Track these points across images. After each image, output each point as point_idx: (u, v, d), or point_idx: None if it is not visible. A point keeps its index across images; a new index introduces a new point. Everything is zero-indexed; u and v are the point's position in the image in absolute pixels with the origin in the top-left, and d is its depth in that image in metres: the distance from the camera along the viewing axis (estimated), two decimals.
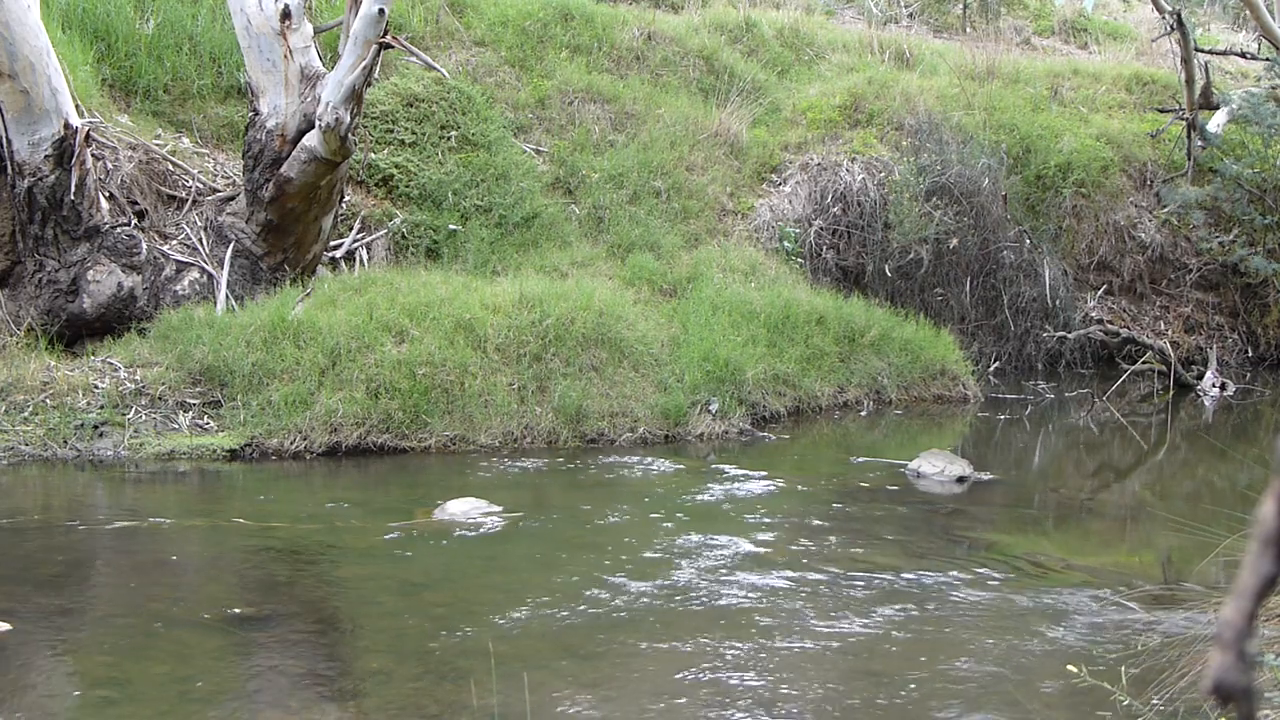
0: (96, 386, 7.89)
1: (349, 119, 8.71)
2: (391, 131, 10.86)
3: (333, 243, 9.87)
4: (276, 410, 7.84)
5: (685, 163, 11.90)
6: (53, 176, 8.43)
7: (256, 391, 7.95)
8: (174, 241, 9.20)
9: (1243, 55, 15.37)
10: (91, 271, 8.61)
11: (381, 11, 8.61)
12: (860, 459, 8.52)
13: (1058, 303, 12.22)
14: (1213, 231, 12.99)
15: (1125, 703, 3.52)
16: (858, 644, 5.08)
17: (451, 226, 10.49)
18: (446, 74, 10.27)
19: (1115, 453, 9.99)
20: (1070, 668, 3.72)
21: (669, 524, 6.68)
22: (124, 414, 7.79)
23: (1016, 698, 4.60)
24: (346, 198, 10.04)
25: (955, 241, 11.79)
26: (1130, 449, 9.95)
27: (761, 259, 11.14)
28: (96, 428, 7.65)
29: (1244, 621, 1.15)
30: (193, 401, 8.00)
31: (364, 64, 8.61)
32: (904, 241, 11.63)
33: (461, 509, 6.65)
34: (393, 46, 8.81)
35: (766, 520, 6.90)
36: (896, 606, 5.51)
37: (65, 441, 7.52)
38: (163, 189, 9.54)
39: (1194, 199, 12.89)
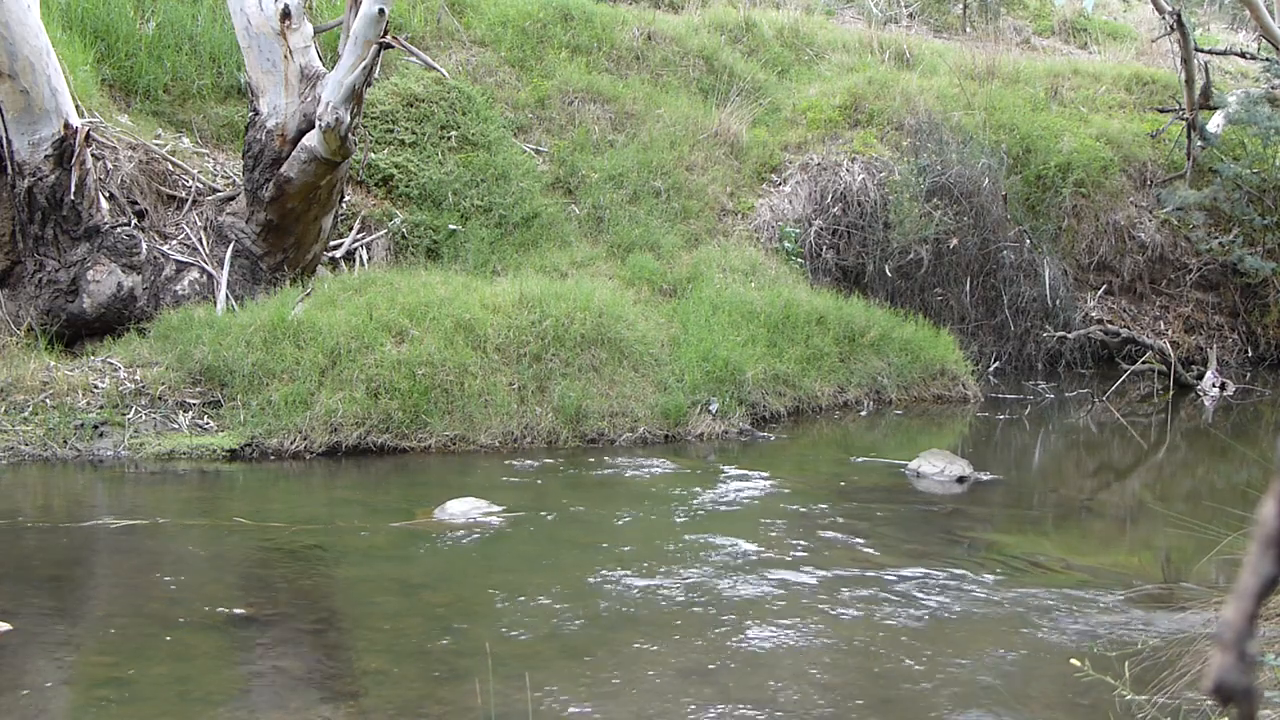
0: (96, 386, 7.89)
1: (349, 119, 8.71)
2: (391, 131, 10.86)
3: (333, 243, 9.87)
4: (276, 410, 7.84)
5: (685, 163, 11.90)
6: (53, 176, 8.43)
7: (256, 391, 7.94)
8: (174, 241, 9.20)
9: (1243, 55, 15.37)
10: (91, 271, 8.61)
11: (381, 11, 8.61)
12: (860, 459, 8.52)
13: (1058, 303, 12.23)
14: (1212, 232, 12.99)
15: (1127, 697, 3.52)
16: (857, 643, 5.08)
17: (451, 226, 10.49)
18: (446, 74, 10.27)
19: (1115, 453, 9.99)
20: (1074, 661, 3.72)
21: (669, 524, 6.68)
22: (124, 414, 7.79)
23: (1016, 697, 4.60)
24: (346, 198, 10.04)
25: (955, 241, 11.79)
26: (1130, 449, 9.95)
27: (761, 259, 11.14)
28: (96, 428, 7.65)
29: (1245, 622, 1.15)
30: (193, 401, 7.99)
31: (364, 64, 8.61)
32: (904, 241, 11.63)
33: (461, 509, 6.65)
34: (393, 46, 8.81)
35: (766, 520, 6.90)
36: (896, 606, 5.51)
37: (65, 441, 7.52)
38: (163, 189, 9.54)
39: (1192, 201, 12.90)
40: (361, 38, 8.62)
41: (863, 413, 9.98)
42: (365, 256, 10.16)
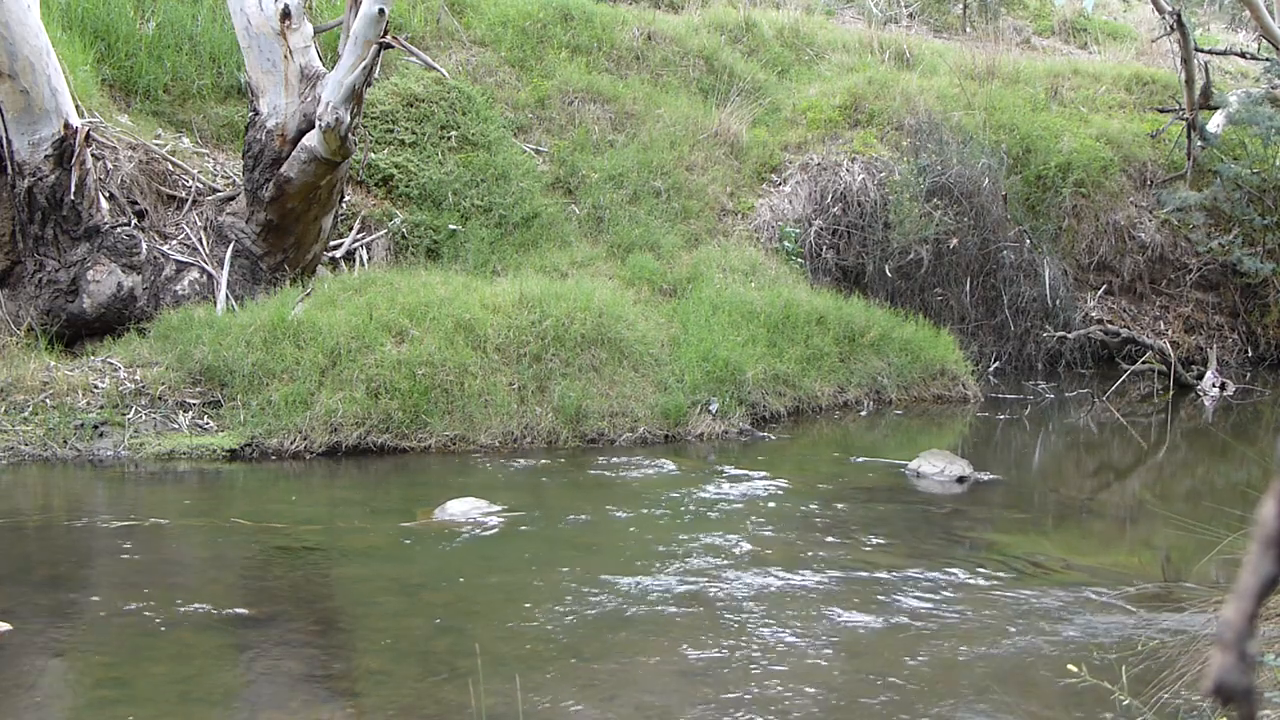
0: (96, 386, 7.89)
1: (349, 119, 8.71)
2: (391, 131, 10.86)
3: (333, 243, 9.87)
4: (276, 410, 7.83)
5: (685, 163, 11.90)
6: (53, 176, 8.43)
7: (256, 391, 7.94)
8: (174, 241, 9.20)
9: (1243, 55, 15.37)
10: (91, 271, 8.61)
11: (381, 11, 8.61)
12: (860, 459, 8.51)
13: (1058, 303, 12.22)
14: (1212, 232, 12.99)
15: (1125, 702, 3.52)
16: (857, 644, 5.08)
17: (451, 226, 10.49)
18: (446, 74, 10.27)
19: (1115, 453, 9.99)
20: (1070, 667, 3.72)
21: (668, 524, 6.68)
22: (124, 414, 7.79)
23: (1016, 697, 4.60)
24: (346, 198, 10.04)
25: (955, 241, 11.79)
26: (1130, 449, 9.95)
27: (761, 259, 11.14)
28: (96, 428, 7.65)
29: (1245, 622, 1.15)
30: (193, 401, 7.99)
31: (364, 64, 8.61)
32: (904, 241, 11.63)
33: (461, 509, 6.65)
34: (393, 46, 8.81)
35: (766, 520, 6.90)
36: (896, 606, 5.51)
37: (65, 441, 7.52)
38: (163, 189, 9.54)
39: (1193, 201, 12.90)
40: (361, 38, 8.62)
41: (863, 413, 9.98)
42: (365, 256, 10.16)
